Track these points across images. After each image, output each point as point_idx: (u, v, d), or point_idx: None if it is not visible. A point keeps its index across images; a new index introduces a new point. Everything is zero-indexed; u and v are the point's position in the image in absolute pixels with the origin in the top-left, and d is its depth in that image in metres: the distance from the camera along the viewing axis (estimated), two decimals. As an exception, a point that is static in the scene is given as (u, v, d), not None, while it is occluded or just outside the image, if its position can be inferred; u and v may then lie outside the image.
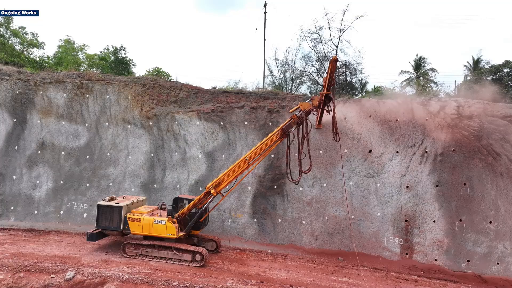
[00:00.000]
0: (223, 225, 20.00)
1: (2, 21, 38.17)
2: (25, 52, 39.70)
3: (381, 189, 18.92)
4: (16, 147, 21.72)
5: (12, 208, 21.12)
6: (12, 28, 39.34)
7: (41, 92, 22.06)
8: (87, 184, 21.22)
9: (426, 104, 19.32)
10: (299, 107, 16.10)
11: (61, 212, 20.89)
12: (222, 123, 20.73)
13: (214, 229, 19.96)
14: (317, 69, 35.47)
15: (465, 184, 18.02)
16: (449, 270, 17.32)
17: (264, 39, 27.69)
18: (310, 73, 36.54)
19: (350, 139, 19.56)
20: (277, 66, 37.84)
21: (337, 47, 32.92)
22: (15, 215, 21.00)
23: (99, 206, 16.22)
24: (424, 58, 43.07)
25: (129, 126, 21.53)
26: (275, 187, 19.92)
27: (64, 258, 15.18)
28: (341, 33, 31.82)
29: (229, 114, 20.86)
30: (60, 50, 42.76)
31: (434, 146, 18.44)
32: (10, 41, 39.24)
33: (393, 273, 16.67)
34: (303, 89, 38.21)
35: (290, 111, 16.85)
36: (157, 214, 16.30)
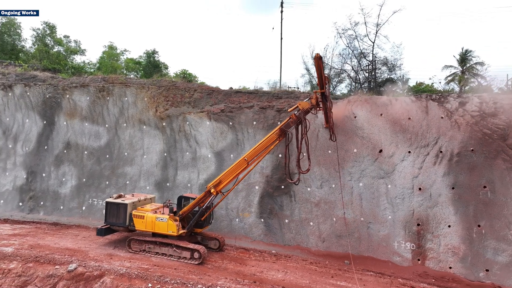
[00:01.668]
0: (231, 224, 20.18)
1: (48, 31, 41.47)
2: (67, 59, 42.61)
3: (392, 190, 18.02)
4: (45, 147, 23.54)
5: (41, 203, 22.94)
6: (56, 37, 42.55)
7: (68, 96, 23.70)
8: (107, 182, 22.46)
9: (442, 101, 18.07)
10: (297, 106, 15.83)
11: (83, 208, 22.31)
12: (231, 123, 20.93)
13: (222, 228, 20.22)
14: (352, 67, 34.42)
15: (485, 187, 16.62)
16: (465, 279, 16.09)
17: (281, 38, 27.42)
18: (345, 71, 35.49)
19: (360, 139, 18.83)
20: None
21: (373, 43, 31.74)
22: (44, 210, 22.78)
23: (107, 203, 17.13)
24: (471, 51, 40.09)
25: (144, 126, 22.46)
26: (283, 187, 19.73)
27: (74, 251, 16.21)
28: (377, 28, 30.57)
29: (238, 114, 20.99)
30: (103, 55, 45.57)
31: (450, 146, 17.21)
32: (55, 49, 42.39)
33: (400, 280, 15.84)
34: (342, 87, 37.07)
35: (289, 110, 16.61)
36: (160, 211, 16.85)
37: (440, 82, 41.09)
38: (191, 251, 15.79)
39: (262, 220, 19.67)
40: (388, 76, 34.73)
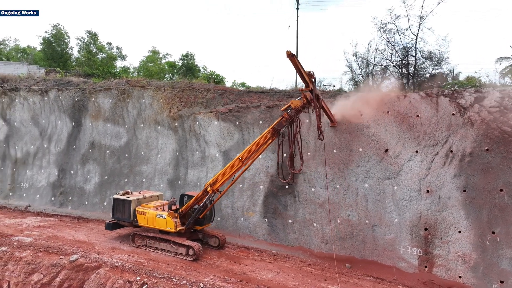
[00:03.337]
0: (236, 223, 20.38)
1: (91, 40, 44.74)
2: (108, 65, 45.54)
3: (398, 192, 17.04)
4: (74, 147, 25.51)
5: (70, 198, 24.90)
6: (98, 44, 45.75)
7: (93, 99, 25.46)
8: (125, 180, 23.78)
9: (456, 96, 16.71)
10: (290, 105, 15.59)
11: (105, 203, 23.82)
12: (237, 123, 21.11)
13: (228, 226, 20.51)
14: (392, 62, 32.87)
15: (501, 190, 15.10)
16: (476, 290, 14.79)
17: (297, 36, 27.00)
18: (386, 67, 33.93)
19: (366, 137, 18.04)
20: (356, 61, 35.59)
21: (416, 36, 29.99)
22: (72, 205, 24.71)
23: (114, 199, 18.19)
24: (531, 39, 36.17)
25: (159, 127, 23.44)
26: (287, 187, 19.51)
27: (83, 243, 17.43)
28: (421, 20, 28.74)
29: (245, 114, 21.12)
30: (145, 60, 48.12)
31: (462, 145, 15.87)
32: (98, 56, 45.59)
33: (401, 287, 14.96)
34: (387, 84, 35.40)
35: (281, 109, 16.39)
36: (161, 208, 17.51)
37: (487, 76, 37.68)
38: (187, 247, 16.24)
39: (266, 219, 19.61)
40: (433, 71, 32.63)
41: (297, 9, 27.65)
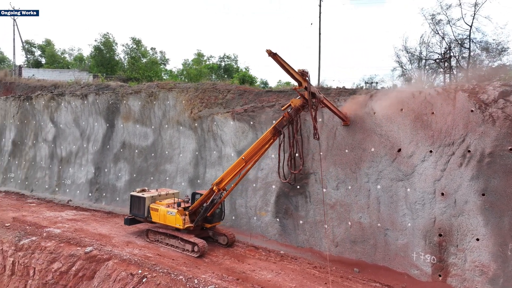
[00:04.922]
0: (249, 222, 20.54)
1: (135, 46, 47.60)
2: (152, 69, 47.99)
3: (412, 195, 16.00)
4: (107, 146, 27.44)
5: (104, 194, 26.85)
6: (141, 50, 48.51)
7: (124, 101, 27.17)
8: (151, 178, 25.08)
9: (477, 91, 15.27)
10: (290, 104, 15.38)
11: (133, 200, 25.32)
12: (252, 123, 21.23)
13: (241, 225, 20.75)
14: (440, 55, 30.72)
15: (527, 194, 13.57)
16: (494, 305, 13.44)
17: (320, 33, 26.33)
18: (434, 61, 31.86)
19: (378, 137, 17.18)
20: (406, 56, 33.89)
21: (470, 26, 27.63)
22: (105, 200, 26.62)
23: (131, 196, 19.30)
24: None
25: (181, 127, 24.36)
26: (298, 187, 19.23)
27: (102, 236, 18.75)
28: (476, 9, 26.25)
29: (259, 114, 21.18)
30: (188, 62, 50.10)
31: (481, 144, 14.46)
32: (143, 61, 48.27)
33: (407, 295, 14.09)
34: (440, 80, 33.38)
35: (282, 108, 16.18)
36: (172, 206, 18.22)
37: None
38: (192, 244, 16.76)
39: (278, 219, 19.51)
40: (491, 63, 30.01)
41: (320, 6, 26.99)
